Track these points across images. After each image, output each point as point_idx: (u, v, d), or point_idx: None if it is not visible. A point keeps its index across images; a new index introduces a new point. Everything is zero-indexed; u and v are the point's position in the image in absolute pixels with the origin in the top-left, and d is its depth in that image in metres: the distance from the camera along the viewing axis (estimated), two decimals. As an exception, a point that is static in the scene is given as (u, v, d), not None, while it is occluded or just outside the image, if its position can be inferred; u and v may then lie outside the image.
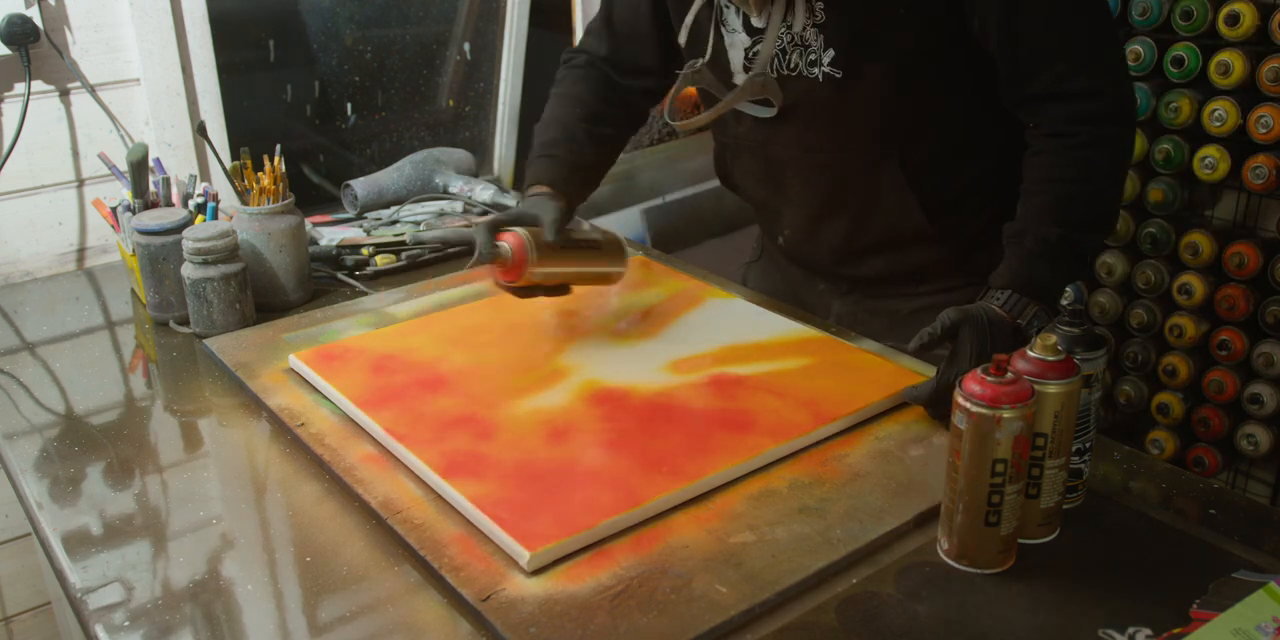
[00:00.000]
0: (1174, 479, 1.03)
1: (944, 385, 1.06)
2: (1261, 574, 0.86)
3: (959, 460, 0.86)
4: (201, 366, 1.27)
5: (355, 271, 1.51)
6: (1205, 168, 1.93)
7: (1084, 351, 0.90)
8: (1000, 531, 0.87)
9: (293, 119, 1.91)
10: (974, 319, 1.06)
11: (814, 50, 1.18)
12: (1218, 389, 2.02)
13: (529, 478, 0.97)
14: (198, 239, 1.27)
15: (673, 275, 1.44)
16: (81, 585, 0.89)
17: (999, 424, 0.82)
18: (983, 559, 0.88)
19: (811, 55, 1.18)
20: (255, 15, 1.82)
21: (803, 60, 1.19)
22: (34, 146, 1.57)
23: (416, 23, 2.00)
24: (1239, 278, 1.95)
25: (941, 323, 1.05)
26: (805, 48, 1.19)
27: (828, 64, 1.18)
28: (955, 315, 1.06)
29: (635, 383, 1.15)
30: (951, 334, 1.06)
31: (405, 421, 1.06)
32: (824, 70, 1.18)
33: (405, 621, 0.85)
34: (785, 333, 1.27)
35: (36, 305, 1.46)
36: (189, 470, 1.07)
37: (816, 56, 1.18)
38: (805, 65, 1.19)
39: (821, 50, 1.17)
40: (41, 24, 1.50)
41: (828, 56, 1.17)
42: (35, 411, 1.18)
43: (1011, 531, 0.87)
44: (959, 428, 0.85)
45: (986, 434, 0.83)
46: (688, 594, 0.85)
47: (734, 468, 1.00)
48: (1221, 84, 1.88)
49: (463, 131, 2.12)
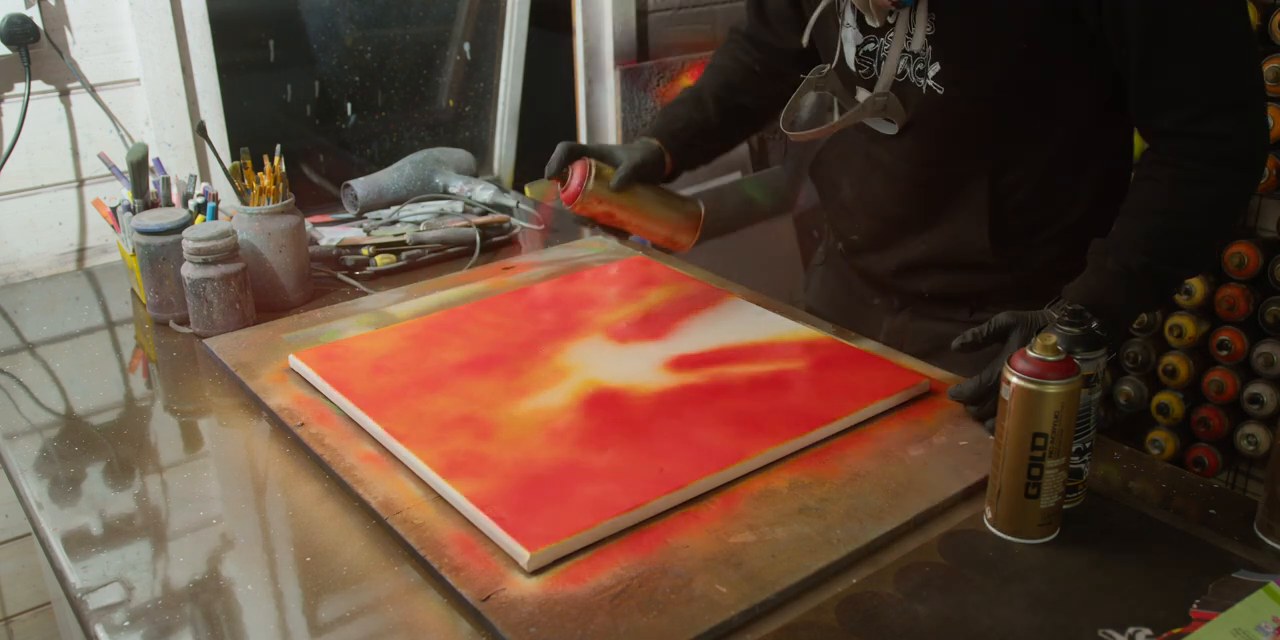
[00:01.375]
0: (1174, 479, 1.02)
1: (985, 384, 1.06)
2: (1261, 574, 0.86)
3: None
4: (201, 366, 1.27)
5: (355, 271, 1.51)
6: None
7: (1084, 351, 0.90)
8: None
9: (293, 119, 1.91)
10: (1027, 323, 1.05)
11: (922, 60, 1.16)
12: (1218, 389, 2.02)
13: (529, 478, 0.97)
14: (198, 239, 1.27)
15: (673, 275, 1.44)
16: (81, 585, 0.89)
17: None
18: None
19: (920, 65, 1.16)
20: (255, 15, 1.82)
21: (911, 68, 1.17)
22: (34, 146, 1.57)
23: (416, 23, 2.00)
24: (1239, 278, 1.95)
25: (994, 323, 1.05)
26: (915, 56, 1.16)
27: (933, 77, 1.16)
28: (1008, 318, 1.05)
29: (635, 383, 1.15)
30: (1002, 336, 1.05)
31: (405, 421, 1.06)
32: (929, 83, 1.16)
33: (405, 621, 0.85)
34: (785, 333, 1.27)
35: (36, 305, 1.46)
36: (189, 470, 1.07)
37: (924, 67, 1.16)
38: (914, 74, 1.17)
39: (929, 62, 1.15)
40: (41, 24, 1.50)
41: (934, 70, 1.15)
42: (35, 411, 1.18)
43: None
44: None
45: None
46: (688, 594, 0.85)
47: (734, 468, 1.00)
48: (1221, 84, 1.88)
49: (463, 131, 2.12)
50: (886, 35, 1.18)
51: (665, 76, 2.31)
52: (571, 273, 1.46)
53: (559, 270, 1.48)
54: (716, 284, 1.43)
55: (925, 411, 1.11)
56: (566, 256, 1.54)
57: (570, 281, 1.43)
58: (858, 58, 1.22)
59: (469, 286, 1.43)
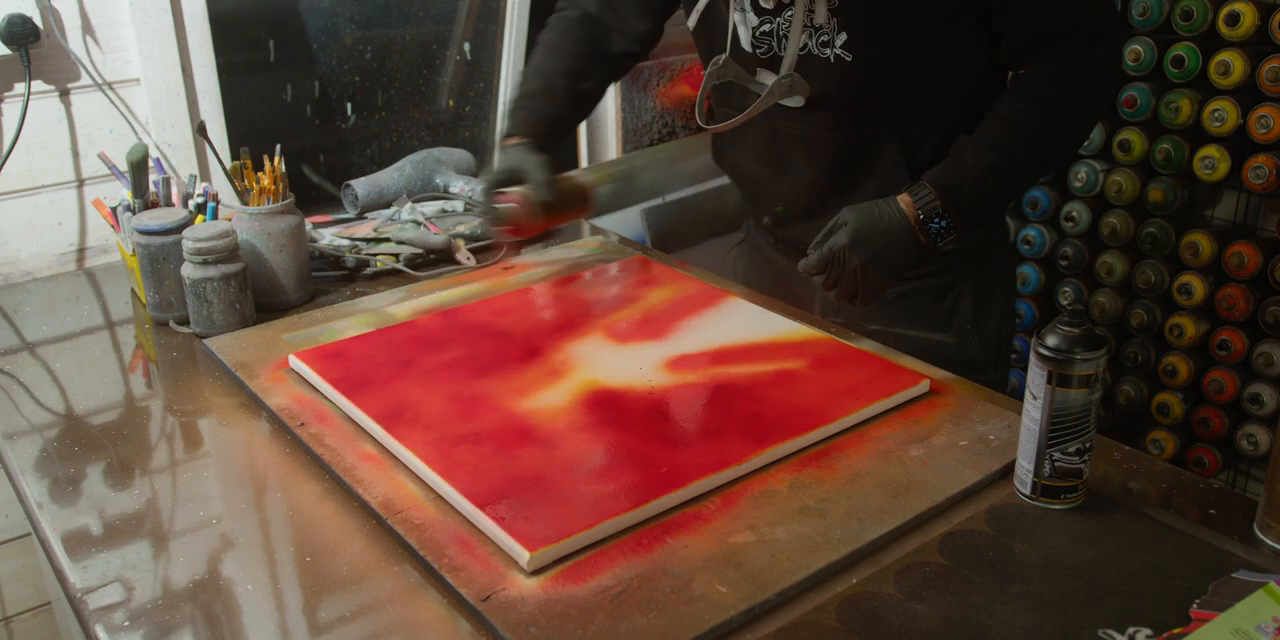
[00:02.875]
0: (1174, 479, 1.02)
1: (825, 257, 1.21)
2: (1261, 574, 0.86)
3: None
4: (201, 366, 1.27)
5: (355, 271, 1.51)
6: (1205, 168, 1.93)
7: (1084, 351, 0.90)
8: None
9: (293, 119, 1.91)
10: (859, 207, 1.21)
11: (826, 32, 1.20)
12: (1218, 389, 2.02)
13: (529, 478, 0.97)
14: (198, 239, 1.27)
15: (673, 275, 1.44)
16: (81, 585, 0.89)
17: None
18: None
19: (824, 37, 1.21)
20: (255, 15, 1.82)
21: (814, 41, 1.22)
22: (34, 146, 1.57)
23: (416, 23, 2.00)
24: (1239, 278, 1.95)
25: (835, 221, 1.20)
26: (817, 29, 1.21)
27: (840, 46, 1.20)
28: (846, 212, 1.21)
29: (635, 383, 1.15)
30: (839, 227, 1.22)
31: (405, 421, 1.06)
32: (836, 52, 1.20)
33: (405, 621, 0.85)
34: (785, 333, 1.27)
35: (36, 305, 1.46)
36: (189, 470, 1.07)
37: (829, 38, 1.20)
38: (816, 46, 1.22)
39: (835, 33, 1.20)
40: (41, 24, 1.50)
41: (840, 39, 1.20)
42: (35, 411, 1.18)
43: None
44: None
45: None
46: (688, 594, 0.85)
47: (734, 468, 1.00)
48: (1221, 84, 1.88)
49: (463, 131, 2.12)
50: (784, 14, 1.22)
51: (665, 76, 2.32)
52: (571, 273, 1.46)
53: (559, 270, 1.48)
54: (717, 284, 1.43)
55: (925, 411, 1.11)
56: (566, 256, 1.54)
57: (570, 281, 1.43)
58: (754, 39, 1.26)
59: (469, 286, 1.43)
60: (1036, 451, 0.94)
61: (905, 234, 1.22)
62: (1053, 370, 0.91)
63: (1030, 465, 0.95)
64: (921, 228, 1.22)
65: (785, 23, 1.23)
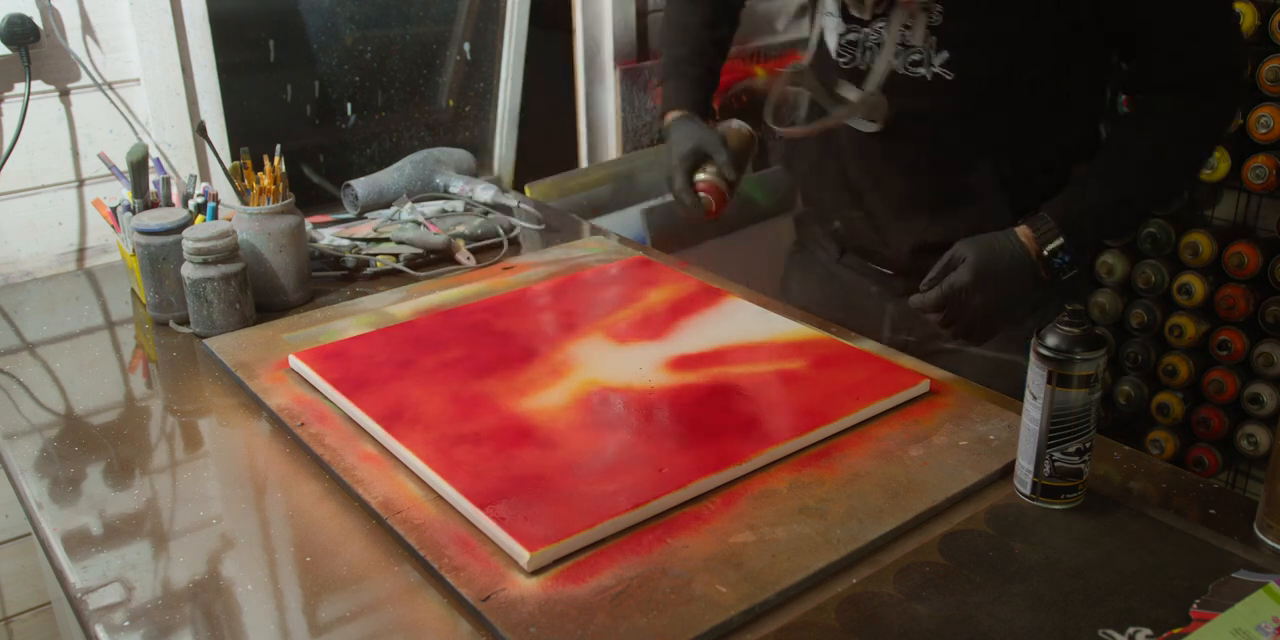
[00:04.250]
0: (1174, 479, 1.02)
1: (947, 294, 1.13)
2: (1261, 574, 0.86)
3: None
4: (201, 366, 1.27)
5: (355, 271, 1.51)
6: (1205, 168, 1.93)
7: (1084, 351, 0.90)
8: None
9: (293, 119, 1.91)
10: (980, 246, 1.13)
11: (919, 51, 1.17)
12: (1218, 389, 2.02)
13: (529, 478, 0.97)
14: (198, 239, 1.27)
15: (673, 275, 1.44)
16: (81, 585, 0.89)
17: None
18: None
19: (915, 56, 1.17)
20: (255, 15, 1.82)
21: (902, 61, 1.18)
22: (34, 146, 1.57)
23: (416, 23, 2.00)
24: (1239, 278, 1.95)
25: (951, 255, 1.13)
26: (908, 48, 1.17)
27: (939, 65, 1.16)
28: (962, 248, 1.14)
29: (635, 383, 1.15)
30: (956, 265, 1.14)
31: (405, 421, 1.06)
32: (934, 70, 1.17)
33: (405, 621, 0.85)
34: (785, 333, 1.26)
35: (36, 305, 1.46)
36: (189, 470, 1.07)
37: (923, 57, 1.17)
38: (906, 65, 1.18)
39: (933, 52, 1.16)
40: (41, 24, 1.50)
41: (939, 58, 1.16)
42: (35, 411, 1.18)
43: None
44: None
45: None
46: (688, 594, 0.85)
47: (734, 468, 1.00)
48: (1221, 84, 1.88)
49: (463, 131, 2.12)
50: (874, 26, 1.19)
51: (665, 76, 2.31)
52: (571, 273, 1.46)
53: (559, 270, 1.48)
54: (716, 284, 1.43)
55: (925, 411, 1.11)
56: (566, 256, 1.54)
57: (570, 281, 1.43)
58: (840, 46, 1.24)
59: (469, 286, 1.43)
60: (1036, 451, 0.94)
61: (1028, 270, 1.15)
62: (1053, 370, 0.91)
63: (1030, 465, 0.95)
64: (1045, 263, 1.15)
65: (874, 34, 1.19)
